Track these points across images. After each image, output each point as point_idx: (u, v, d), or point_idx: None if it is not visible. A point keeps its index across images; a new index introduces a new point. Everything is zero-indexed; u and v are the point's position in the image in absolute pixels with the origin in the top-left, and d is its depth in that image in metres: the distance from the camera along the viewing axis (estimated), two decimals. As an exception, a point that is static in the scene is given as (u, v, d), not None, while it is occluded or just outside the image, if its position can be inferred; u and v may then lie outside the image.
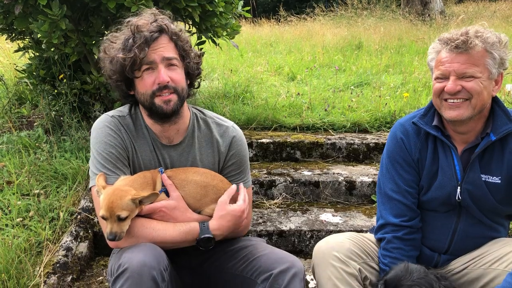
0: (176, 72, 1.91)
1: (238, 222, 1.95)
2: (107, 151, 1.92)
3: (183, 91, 1.94)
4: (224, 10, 3.72)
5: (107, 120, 1.98)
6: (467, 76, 1.87)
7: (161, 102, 1.88)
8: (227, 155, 2.07)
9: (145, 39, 1.83)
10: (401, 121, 2.18)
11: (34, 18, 3.25)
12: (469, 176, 1.99)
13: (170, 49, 1.90)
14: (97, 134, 1.95)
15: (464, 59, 1.86)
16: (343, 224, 3.02)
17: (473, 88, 1.86)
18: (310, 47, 8.81)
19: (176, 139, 2.03)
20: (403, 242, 2.05)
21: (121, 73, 1.88)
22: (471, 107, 1.89)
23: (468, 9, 16.75)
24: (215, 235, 1.88)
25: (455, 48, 1.87)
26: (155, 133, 2.01)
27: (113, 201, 1.73)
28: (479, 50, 1.84)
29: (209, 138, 2.06)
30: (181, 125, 2.02)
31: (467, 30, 1.88)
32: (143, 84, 1.88)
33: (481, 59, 1.86)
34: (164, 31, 1.89)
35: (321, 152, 3.88)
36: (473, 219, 2.04)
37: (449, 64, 1.89)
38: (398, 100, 4.73)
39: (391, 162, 2.13)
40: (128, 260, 1.70)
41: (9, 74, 4.71)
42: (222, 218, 1.92)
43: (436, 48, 1.96)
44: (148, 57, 1.84)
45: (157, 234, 1.84)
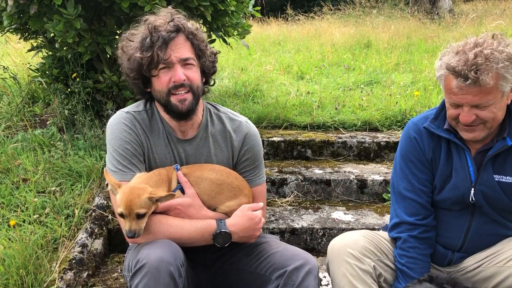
0: (192, 70, 1.93)
1: (254, 227, 1.96)
2: (123, 147, 1.94)
3: (198, 89, 1.96)
4: (236, 9, 3.74)
5: (122, 116, 2.00)
6: (481, 106, 1.83)
7: (176, 101, 1.91)
8: (241, 150, 2.09)
9: (163, 39, 1.85)
10: (414, 120, 2.18)
11: (49, 18, 3.29)
12: (482, 177, 1.99)
13: (186, 49, 1.92)
14: (112, 130, 1.98)
15: (476, 91, 1.80)
16: (355, 222, 3.03)
17: (487, 117, 1.85)
18: (318, 46, 8.81)
19: (190, 134, 2.05)
20: (419, 241, 2.06)
21: (138, 71, 1.91)
22: (486, 128, 1.90)
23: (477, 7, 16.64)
24: (231, 231, 1.90)
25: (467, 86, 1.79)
26: (171, 127, 2.03)
27: (131, 200, 1.76)
28: (490, 84, 1.77)
29: (223, 132, 2.08)
30: (196, 120, 2.04)
31: (475, 58, 1.77)
32: (160, 82, 1.91)
33: (493, 88, 1.79)
34: (181, 31, 1.91)
35: (332, 151, 3.89)
36: (487, 218, 2.04)
37: (462, 95, 1.83)
38: (408, 99, 4.73)
39: (404, 161, 2.13)
40: (146, 256, 1.73)
41: (22, 74, 4.76)
42: (240, 217, 1.94)
43: (444, 70, 1.87)
44: (166, 57, 1.87)
45: (174, 231, 1.87)
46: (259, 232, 2.02)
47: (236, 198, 2.01)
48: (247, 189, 2.06)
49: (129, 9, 3.23)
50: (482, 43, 1.82)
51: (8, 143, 3.48)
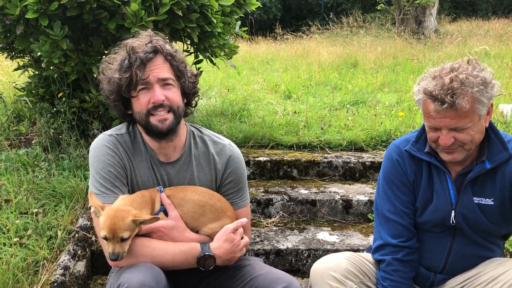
0: (172, 91, 1.94)
1: (234, 249, 1.96)
2: (106, 170, 1.94)
3: (179, 109, 1.96)
4: (222, 30, 3.78)
5: (105, 139, 2.00)
6: (459, 129, 1.88)
7: (156, 121, 1.91)
8: (224, 173, 2.09)
9: (141, 60, 1.87)
10: (396, 142, 2.21)
11: (35, 38, 3.29)
12: (462, 200, 2.02)
13: (165, 70, 1.93)
14: (95, 153, 1.98)
15: (453, 115, 1.84)
16: (340, 243, 3.04)
17: (465, 139, 1.89)
18: (306, 65, 8.91)
19: (173, 156, 2.05)
20: (402, 264, 2.07)
21: (117, 93, 1.92)
22: (465, 150, 1.93)
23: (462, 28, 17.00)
24: (215, 254, 1.90)
25: (444, 110, 1.84)
26: (153, 150, 2.03)
27: (115, 223, 1.74)
28: (466, 107, 1.82)
29: (206, 155, 2.09)
30: (178, 142, 2.04)
31: (451, 83, 1.82)
32: (139, 103, 1.92)
33: (469, 111, 1.84)
34: (159, 52, 1.92)
35: (318, 171, 3.91)
36: (468, 240, 2.07)
37: (439, 119, 1.88)
38: (393, 119, 4.79)
39: (387, 183, 2.16)
40: (127, 280, 1.71)
41: (8, 92, 4.75)
42: (223, 241, 1.94)
43: (422, 95, 1.91)
44: (144, 78, 1.88)
45: (157, 253, 1.86)
46: (240, 254, 2.01)
47: (219, 220, 2.01)
48: (230, 211, 2.06)
49: (116, 30, 3.25)
50: (458, 68, 1.87)
51: (-8, 163, 3.45)
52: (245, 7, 4.02)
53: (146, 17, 3.16)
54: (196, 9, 3.45)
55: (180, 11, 3.29)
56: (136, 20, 3.13)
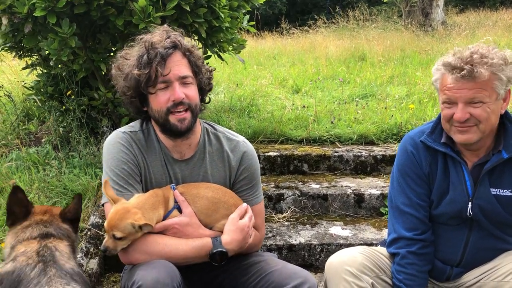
0: (190, 88, 1.93)
1: (246, 236, 1.95)
2: (120, 167, 1.93)
3: (196, 108, 1.95)
4: (230, 25, 3.76)
5: (119, 136, 1.99)
6: (475, 101, 1.85)
7: (175, 121, 1.90)
8: (238, 170, 2.08)
9: (161, 55, 1.85)
10: (410, 134, 2.18)
11: (44, 36, 3.29)
12: (479, 191, 1.99)
13: (184, 66, 1.91)
14: (109, 150, 1.97)
15: (471, 85, 1.84)
16: (353, 238, 3.02)
17: (481, 116, 1.86)
18: (313, 59, 8.86)
19: (187, 154, 2.04)
20: (417, 257, 2.04)
21: (136, 89, 1.90)
22: (479, 131, 1.90)
23: (470, 19, 16.83)
24: (228, 249, 1.89)
25: (462, 78, 1.84)
26: (167, 148, 2.02)
27: (113, 220, 1.78)
28: (485, 76, 1.82)
29: (220, 152, 2.07)
30: (193, 140, 2.03)
31: (471, 55, 1.84)
32: (157, 101, 1.90)
33: (488, 83, 1.84)
34: (178, 47, 1.91)
35: (329, 165, 3.89)
36: (485, 232, 2.04)
37: (456, 90, 1.87)
38: (403, 112, 4.75)
39: (402, 175, 2.13)
40: (141, 278, 1.71)
41: (17, 91, 4.76)
42: (233, 232, 1.92)
43: (441, 70, 1.93)
44: (165, 73, 1.86)
45: (169, 250, 1.85)
46: (248, 241, 1.99)
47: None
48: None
49: (124, 27, 3.24)
50: (478, 46, 1.89)
51: (3, 162, 3.45)
52: (252, 1, 3.99)
53: (154, 12, 3.14)
54: (203, 4, 3.43)
55: (187, 6, 3.28)
56: (144, 16, 3.12)
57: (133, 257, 1.85)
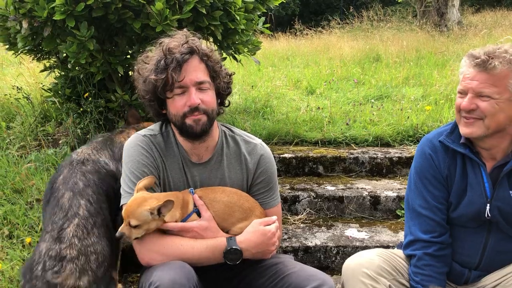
0: (207, 94, 1.95)
1: (268, 242, 1.95)
2: (140, 170, 1.96)
3: (213, 113, 1.97)
4: (246, 27, 3.77)
5: (139, 139, 2.02)
6: (484, 95, 1.86)
7: (191, 121, 1.92)
8: (256, 173, 2.09)
9: (177, 61, 1.87)
10: (429, 136, 2.17)
11: (62, 40, 3.34)
12: (498, 193, 1.98)
13: (201, 71, 1.93)
14: (129, 153, 2.00)
15: (485, 78, 1.85)
16: (369, 240, 3.00)
17: (486, 109, 1.86)
18: (327, 60, 8.84)
19: (205, 157, 2.06)
20: (434, 259, 2.04)
21: (153, 93, 1.94)
22: (484, 126, 1.89)
23: (486, 18, 16.63)
24: (242, 248, 1.90)
25: (476, 66, 1.86)
26: (186, 150, 2.04)
27: (131, 206, 1.82)
28: (500, 71, 1.82)
29: (237, 155, 2.09)
30: (210, 142, 2.05)
31: (496, 49, 1.86)
32: (174, 106, 1.93)
33: (502, 80, 1.84)
34: (195, 53, 1.93)
35: (344, 167, 3.87)
36: (504, 234, 2.02)
37: (470, 81, 1.89)
38: (420, 113, 4.71)
39: (419, 178, 2.12)
40: (159, 278, 1.73)
41: (35, 93, 4.82)
42: (250, 233, 1.94)
43: (465, 61, 1.95)
44: (180, 79, 1.88)
45: (185, 250, 1.87)
46: (275, 248, 2.00)
47: (247, 220, 2.02)
48: (258, 210, 2.06)
49: (141, 30, 3.27)
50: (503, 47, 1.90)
51: (22, 163, 3.51)
52: (267, 3, 4.00)
53: (171, 15, 3.17)
54: (219, 7, 3.45)
55: (204, 9, 3.30)
56: (160, 19, 3.15)
57: (149, 256, 1.88)
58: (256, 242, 1.93)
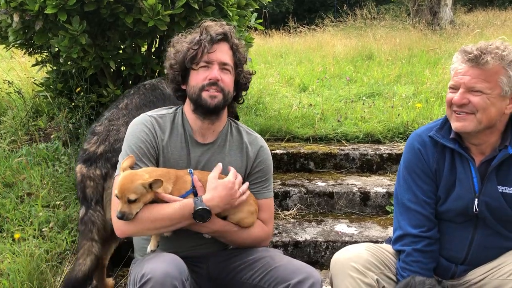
0: (227, 76, 2.09)
1: (230, 192, 2.00)
2: (137, 145, 2.05)
3: (228, 94, 2.09)
4: (238, 23, 3.78)
5: (145, 118, 2.13)
6: (475, 90, 1.89)
7: (207, 96, 2.04)
8: (255, 162, 2.19)
9: (210, 38, 2.05)
10: (418, 131, 2.20)
11: (54, 34, 3.33)
12: (486, 188, 2.01)
13: (228, 55, 2.09)
14: (132, 129, 2.10)
15: (476, 74, 1.89)
16: (358, 235, 3.04)
17: (478, 104, 1.89)
18: (320, 58, 8.87)
19: (210, 138, 2.15)
20: (423, 255, 2.06)
21: (181, 63, 2.08)
22: (476, 120, 1.92)
23: (478, 18, 16.74)
24: (209, 206, 1.94)
25: (468, 61, 1.90)
26: (193, 129, 2.13)
27: (124, 184, 1.86)
28: (492, 67, 1.86)
29: (239, 143, 2.19)
30: (217, 126, 2.15)
31: (488, 45, 1.90)
32: (197, 77, 2.06)
33: (494, 76, 1.87)
34: (228, 39, 2.10)
35: (335, 163, 3.91)
36: (490, 230, 2.05)
37: (462, 76, 1.93)
38: (410, 111, 4.75)
39: (408, 172, 2.15)
40: (151, 271, 1.77)
41: (27, 88, 4.81)
42: (213, 189, 1.99)
43: (457, 56, 1.98)
44: (208, 56, 2.04)
45: (154, 216, 1.92)
46: (237, 200, 2.03)
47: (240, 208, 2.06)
48: (251, 199, 2.12)
49: (133, 25, 3.27)
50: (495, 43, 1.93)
51: (13, 157, 3.51)
52: (260, 0, 4.01)
53: (163, 10, 3.17)
54: (212, 2, 3.45)
55: (196, 4, 3.30)
56: (152, 14, 3.15)
57: (124, 227, 1.92)
58: (221, 195, 1.97)
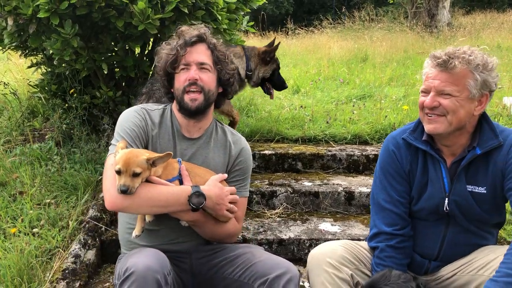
0: (206, 74, 2.19)
1: (223, 197, 2.12)
2: (130, 127, 2.16)
3: (209, 92, 2.19)
4: (228, 27, 3.87)
5: (137, 108, 2.26)
6: (445, 93, 1.98)
7: (188, 100, 2.16)
8: (236, 160, 2.30)
9: (184, 42, 2.17)
10: (393, 134, 2.29)
11: (47, 37, 3.42)
12: (456, 188, 2.09)
13: (205, 55, 2.20)
14: (125, 115, 2.22)
15: (445, 77, 1.97)
16: (341, 233, 3.12)
17: (448, 106, 1.98)
18: (315, 60, 8.94)
19: (196, 134, 2.26)
20: (396, 251, 2.14)
21: (164, 69, 2.22)
22: (447, 122, 2.01)
23: (476, 20, 16.79)
24: (206, 194, 2.04)
25: (437, 66, 1.99)
26: (180, 125, 2.25)
27: (130, 158, 1.94)
28: (459, 71, 1.95)
29: (224, 141, 2.30)
30: (203, 124, 2.27)
31: (456, 50, 1.98)
32: (178, 80, 2.19)
33: (461, 79, 1.96)
34: (203, 40, 2.21)
35: (322, 163, 3.98)
36: (461, 228, 2.13)
37: (432, 80, 2.01)
38: (398, 113, 4.83)
39: (383, 173, 2.24)
40: (134, 265, 1.85)
41: (22, 89, 4.89)
42: (211, 186, 2.10)
43: (428, 62, 2.07)
44: (186, 58, 2.16)
45: (152, 195, 1.99)
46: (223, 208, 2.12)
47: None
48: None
49: (124, 28, 3.36)
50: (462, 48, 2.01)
51: (7, 157, 3.59)
52: (250, 3, 4.10)
53: (153, 15, 3.26)
54: (201, 6, 3.54)
55: (186, 8, 3.38)
56: (143, 18, 3.24)
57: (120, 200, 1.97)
58: (216, 193, 2.09)
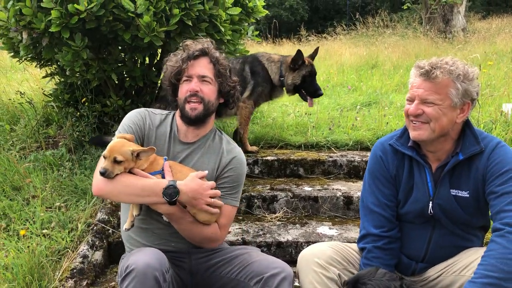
0: (207, 87, 2.33)
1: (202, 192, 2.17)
2: (128, 124, 2.33)
3: (209, 103, 2.34)
4: (232, 38, 4.01)
5: (141, 110, 2.44)
6: (428, 102, 2.08)
7: (188, 109, 2.31)
8: (225, 168, 2.37)
9: (188, 55, 2.32)
10: (381, 140, 2.41)
11: (59, 49, 3.62)
12: (440, 192, 2.19)
13: (207, 69, 2.34)
14: (128, 115, 2.40)
15: (429, 86, 2.08)
16: (338, 237, 3.21)
17: (431, 114, 2.08)
18: (325, 67, 9.04)
19: (191, 139, 2.40)
20: (383, 252, 2.24)
21: (168, 80, 2.38)
22: (430, 129, 2.11)
23: (492, 25, 16.65)
24: (180, 189, 2.13)
25: (421, 75, 2.10)
26: (179, 130, 2.40)
27: (115, 146, 2.11)
28: (441, 80, 2.05)
29: (218, 148, 2.41)
30: (201, 131, 2.41)
31: (439, 61, 2.09)
32: (182, 90, 2.35)
33: (444, 88, 2.06)
34: (206, 54, 2.34)
35: (323, 169, 4.09)
36: (446, 230, 2.23)
37: (416, 89, 2.12)
38: (400, 119, 4.91)
39: (371, 178, 2.35)
40: (134, 262, 1.99)
41: (38, 98, 5.11)
42: (189, 181, 2.17)
43: (413, 72, 2.17)
44: (188, 71, 2.31)
45: (129, 183, 2.12)
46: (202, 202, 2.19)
47: None
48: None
49: (131, 40, 3.53)
50: (445, 59, 2.12)
51: (22, 163, 3.79)
52: (253, 15, 4.24)
53: (158, 28, 3.42)
54: (205, 19, 3.69)
55: (190, 21, 3.54)
56: (148, 30, 3.40)
57: (102, 184, 2.13)
58: (192, 188, 2.15)
